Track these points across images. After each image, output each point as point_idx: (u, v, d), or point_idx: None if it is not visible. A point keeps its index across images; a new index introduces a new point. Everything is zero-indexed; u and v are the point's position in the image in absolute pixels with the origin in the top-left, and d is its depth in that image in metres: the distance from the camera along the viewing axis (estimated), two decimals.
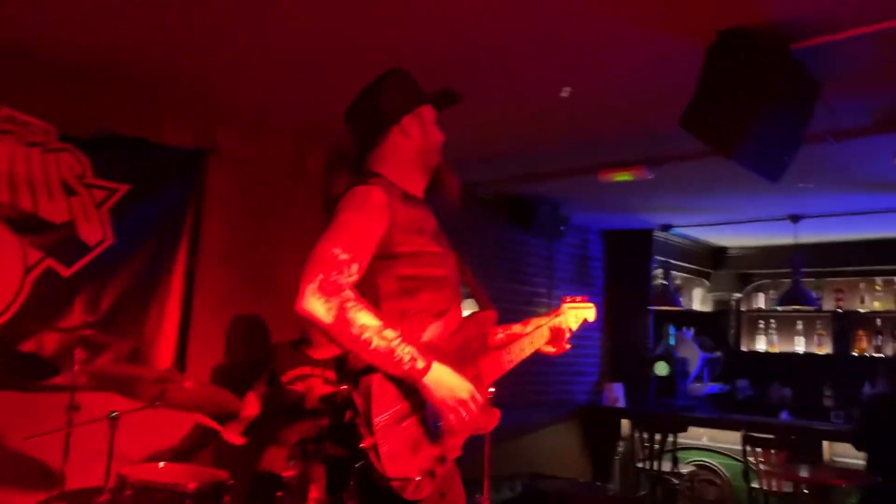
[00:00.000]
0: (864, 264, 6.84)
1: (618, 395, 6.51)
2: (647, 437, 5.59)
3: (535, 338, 2.24)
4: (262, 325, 4.21)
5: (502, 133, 3.98)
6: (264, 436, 3.60)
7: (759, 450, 5.04)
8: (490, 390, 2.03)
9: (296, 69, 3.31)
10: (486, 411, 1.91)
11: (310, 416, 3.38)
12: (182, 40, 3.04)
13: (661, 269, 6.82)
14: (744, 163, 2.81)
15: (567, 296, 2.45)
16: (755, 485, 5.07)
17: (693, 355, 6.90)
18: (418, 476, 1.66)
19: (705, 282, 7.87)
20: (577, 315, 2.41)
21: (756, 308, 7.71)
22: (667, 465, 5.57)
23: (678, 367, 6.50)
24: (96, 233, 3.60)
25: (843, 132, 3.58)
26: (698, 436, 6.01)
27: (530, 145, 4.34)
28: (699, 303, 7.87)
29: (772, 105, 2.71)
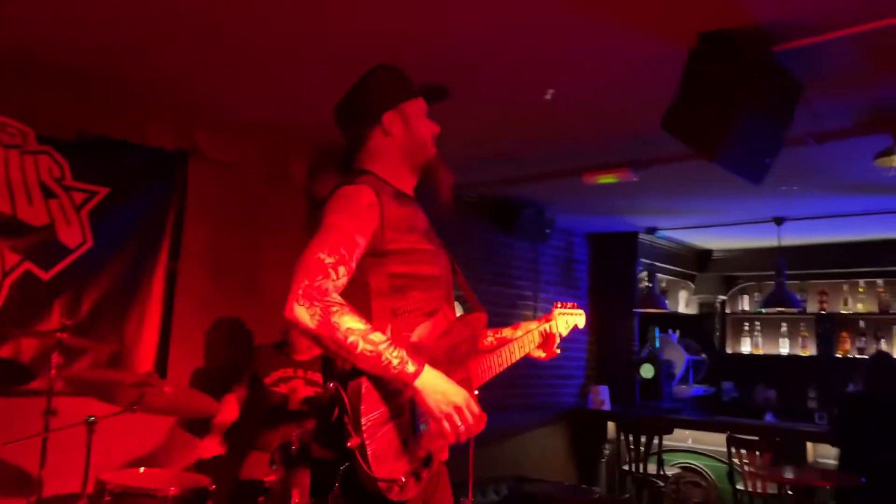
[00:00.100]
0: (847, 266, 6.88)
1: (603, 397, 6.51)
2: (632, 439, 5.60)
3: (525, 342, 2.23)
4: (243, 328, 4.18)
5: (486, 135, 3.97)
6: (246, 440, 3.57)
7: (743, 451, 5.05)
8: (474, 392, 2.01)
9: (278, 70, 3.29)
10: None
11: (293, 418, 3.35)
12: (163, 41, 3.01)
13: (646, 272, 6.83)
14: (725, 165, 2.82)
15: (558, 301, 2.46)
16: (740, 486, 5.08)
17: (678, 358, 6.92)
18: (404, 477, 1.64)
19: (690, 284, 7.90)
20: (568, 321, 2.43)
21: (741, 310, 7.75)
22: (652, 468, 5.57)
23: (663, 369, 6.52)
24: (76, 236, 3.57)
25: (825, 134, 3.60)
26: (684, 438, 6.02)
27: (514, 148, 4.34)
28: (684, 305, 7.90)
29: (753, 107, 2.72)
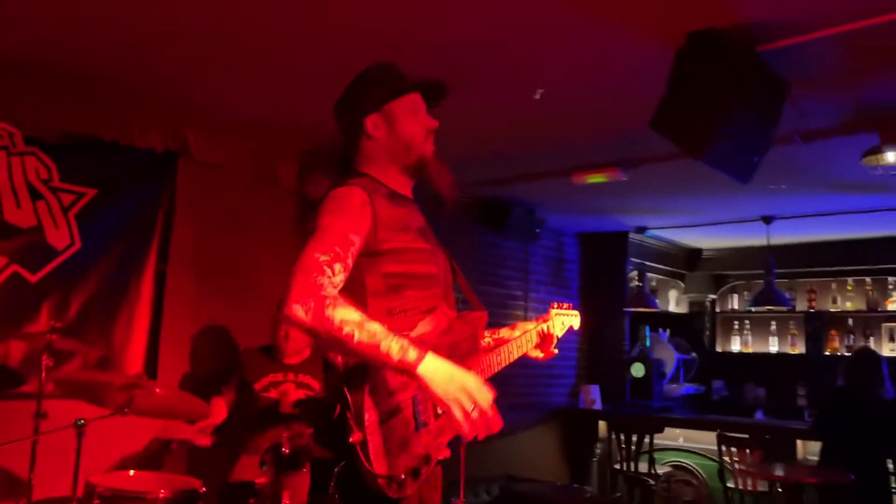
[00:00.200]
0: (836, 264, 6.92)
1: (594, 396, 6.52)
2: (623, 438, 5.62)
3: (522, 342, 2.24)
4: (233, 330, 4.17)
5: (478, 136, 3.97)
6: (235, 443, 3.56)
7: (734, 449, 5.08)
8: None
9: (267, 71, 3.29)
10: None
11: (283, 420, 3.35)
12: (151, 42, 3.00)
13: (636, 271, 6.85)
14: (713, 164, 2.84)
15: (554, 302, 2.48)
16: (731, 484, 5.10)
17: (669, 357, 6.94)
18: (403, 474, 1.64)
19: (680, 283, 7.93)
20: (564, 322, 2.46)
21: (730, 309, 7.78)
22: (644, 467, 5.59)
23: (654, 368, 6.53)
24: (64, 238, 3.55)
25: (812, 133, 3.61)
26: (674, 437, 6.04)
27: (505, 148, 4.34)
28: (674, 304, 7.93)
29: (740, 106, 2.73)
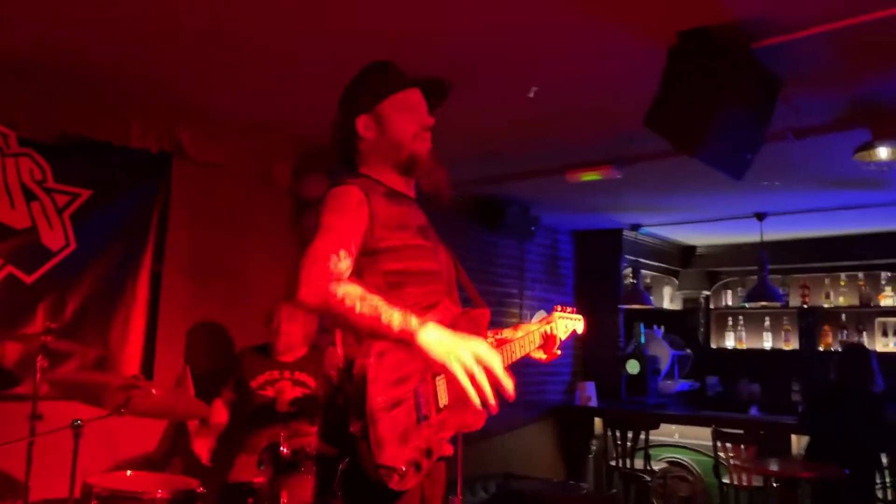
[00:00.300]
0: (828, 260, 6.95)
1: (590, 394, 6.54)
2: (619, 435, 5.64)
3: (525, 343, 2.25)
4: (229, 329, 4.17)
5: (470, 134, 3.98)
6: (233, 443, 3.57)
7: (729, 445, 5.10)
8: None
9: (267, 71, 3.29)
10: (474, 410, 1.90)
11: (280, 420, 3.35)
12: (149, 42, 3.00)
13: (630, 269, 6.87)
14: (707, 161, 2.85)
15: (558, 304, 2.49)
16: (726, 480, 5.13)
17: (663, 353, 6.97)
18: (404, 466, 1.64)
19: (674, 280, 7.96)
20: (567, 325, 2.45)
21: (724, 305, 7.81)
22: (639, 463, 5.61)
23: (649, 365, 6.55)
24: (59, 238, 3.55)
25: (804, 130, 3.63)
26: (670, 433, 6.07)
27: (500, 146, 4.35)
28: (669, 301, 7.95)
29: (733, 103, 2.74)
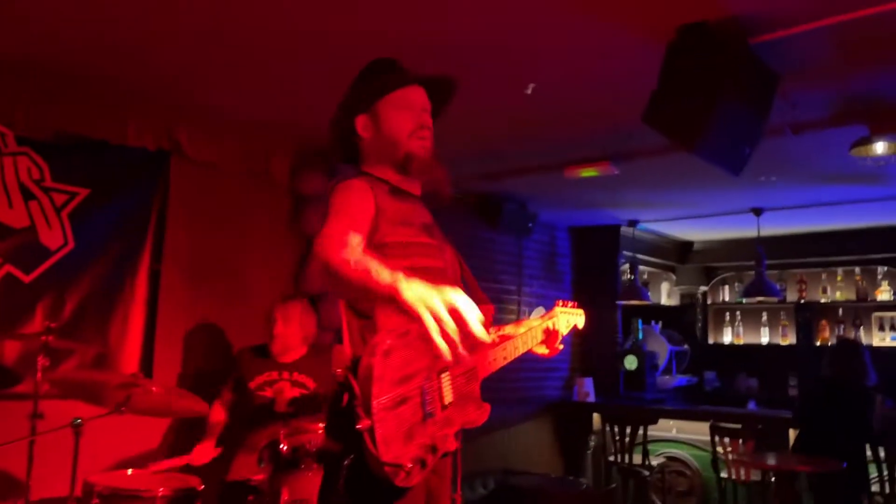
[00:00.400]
0: (825, 255, 6.98)
1: (588, 389, 6.55)
2: (617, 430, 5.65)
3: (527, 338, 2.27)
4: (228, 328, 4.17)
5: (467, 131, 3.98)
6: (233, 441, 3.57)
7: (727, 440, 5.12)
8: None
9: (266, 71, 3.28)
10: (477, 406, 1.95)
11: (280, 418, 3.35)
12: (149, 42, 2.99)
13: (628, 265, 6.88)
14: (705, 156, 2.86)
15: (560, 300, 2.51)
16: (724, 474, 5.15)
17: (661, 349, 6.99)
18: (410, 464, 1.65)
19: (672, 276, 7.98)
20: (569, 321, 2.47)
21: (722, 301, 7.83)
22: (638, 458, 5.63)
23: (647, 360, 6.57)
24: (57, 238, 3.54)
25: (801, 125, 3.63)
26: (668, 428, 6.09)
27: (498, 143, 4.36)
28: (666, 297, 7.97)
29: (731, 99, 2.75)
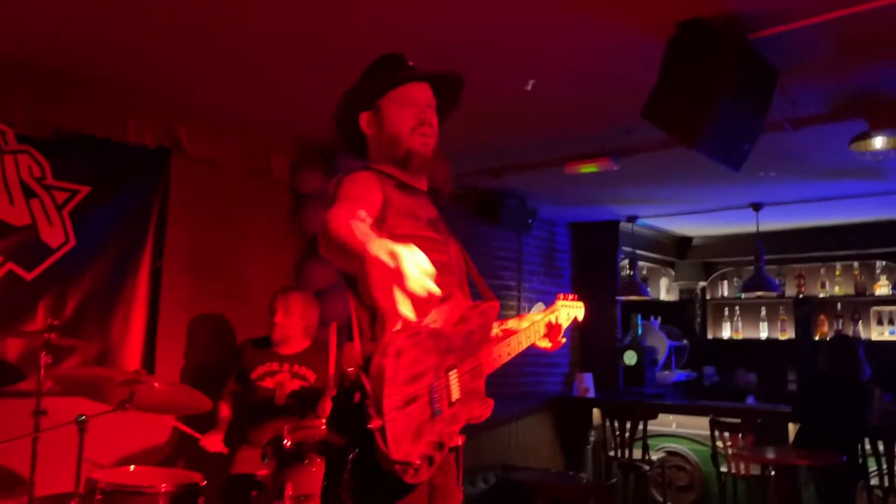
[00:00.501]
0: (824, 250, 6.99)
1: (588, 385, 6.57)
2: (617, 425, 5.67)
3: (530, 332, 2.29)
4: (229, 324, 4.18)
5: (467, 127, 3.99)
6: (236, 435, 3.58)
7: (726, 434, 5.14)
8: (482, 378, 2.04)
9: (266, 71, 3.29)
10: (482, 402, 1.97)
11: (282, 413, 3.37)
12: (145, 41, 3.00)
13: (627, 260, 6.89)
14: (705, 152, 2.87)
15: (561, 293, 2.53)
16: (724, 469, 5.17)
17: (660, 344, 7.00)
18: (419, 461, 1.67)
19: (671, 271, 7.99)
20: (570, 313, 2.49)
21: (721, 296, 7.84)
22: (638, 453, 5.64)
23: (646, 355, 6.59)
24: (58, 235, 3.55)
25: (801, 120, 3.64)
26: (668, 423, 6.10)
27: (497, 139, 4.36)
28: (665, 292, 7.99)
29: (731, 94, 2.76)
